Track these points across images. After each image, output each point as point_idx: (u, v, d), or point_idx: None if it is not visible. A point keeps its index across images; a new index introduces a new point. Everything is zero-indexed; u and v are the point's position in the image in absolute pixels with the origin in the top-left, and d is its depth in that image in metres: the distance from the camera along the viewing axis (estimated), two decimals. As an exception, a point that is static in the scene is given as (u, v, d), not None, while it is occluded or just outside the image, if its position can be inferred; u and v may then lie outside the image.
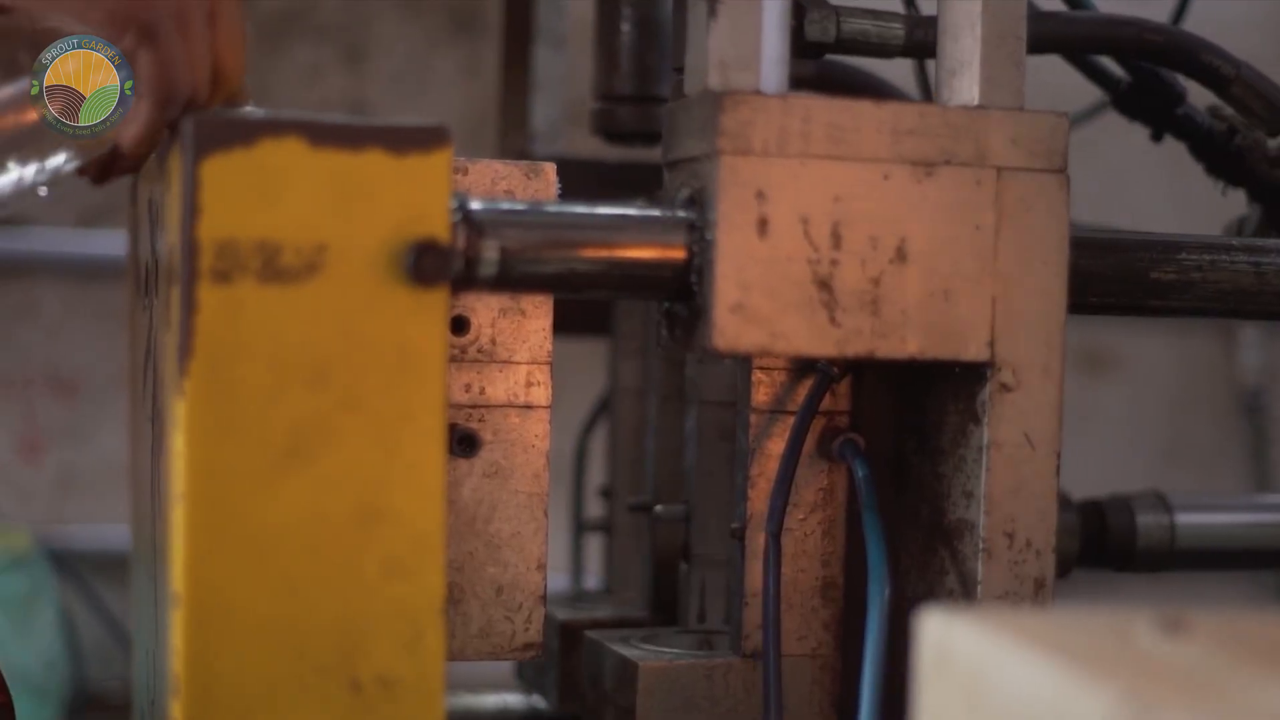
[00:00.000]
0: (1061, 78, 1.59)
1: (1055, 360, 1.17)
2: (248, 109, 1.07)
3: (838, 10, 1.33)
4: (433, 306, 1.04)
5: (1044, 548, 1.16)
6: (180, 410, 1.02)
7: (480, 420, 1.21)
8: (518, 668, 1.56)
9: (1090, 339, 3.32)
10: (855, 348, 1.13)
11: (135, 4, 1.08)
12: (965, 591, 1.16)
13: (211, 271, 1.01)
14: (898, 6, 1.42)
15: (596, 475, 1.79)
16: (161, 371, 1.13)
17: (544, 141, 1.85)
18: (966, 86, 1.17)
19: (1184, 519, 1.50)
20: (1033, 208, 1.15)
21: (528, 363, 1.22)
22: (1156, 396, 3.39)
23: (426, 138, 1.04)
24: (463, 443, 1.20)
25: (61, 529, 2.88)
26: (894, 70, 1.55)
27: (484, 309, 1.21)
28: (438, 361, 1.05)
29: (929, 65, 1.52)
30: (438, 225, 1.04)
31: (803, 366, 1.25)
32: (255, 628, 1.02)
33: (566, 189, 1.22)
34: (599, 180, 1.24)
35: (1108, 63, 1.56)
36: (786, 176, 1.11)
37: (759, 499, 1.24)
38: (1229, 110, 1.51)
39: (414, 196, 1.04)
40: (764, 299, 1.11)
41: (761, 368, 1.25)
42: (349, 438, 1.03)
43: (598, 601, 1.60)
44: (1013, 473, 1.16)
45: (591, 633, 1.35)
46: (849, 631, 1.26)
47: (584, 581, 1.86)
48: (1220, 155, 1.56)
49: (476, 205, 1.10)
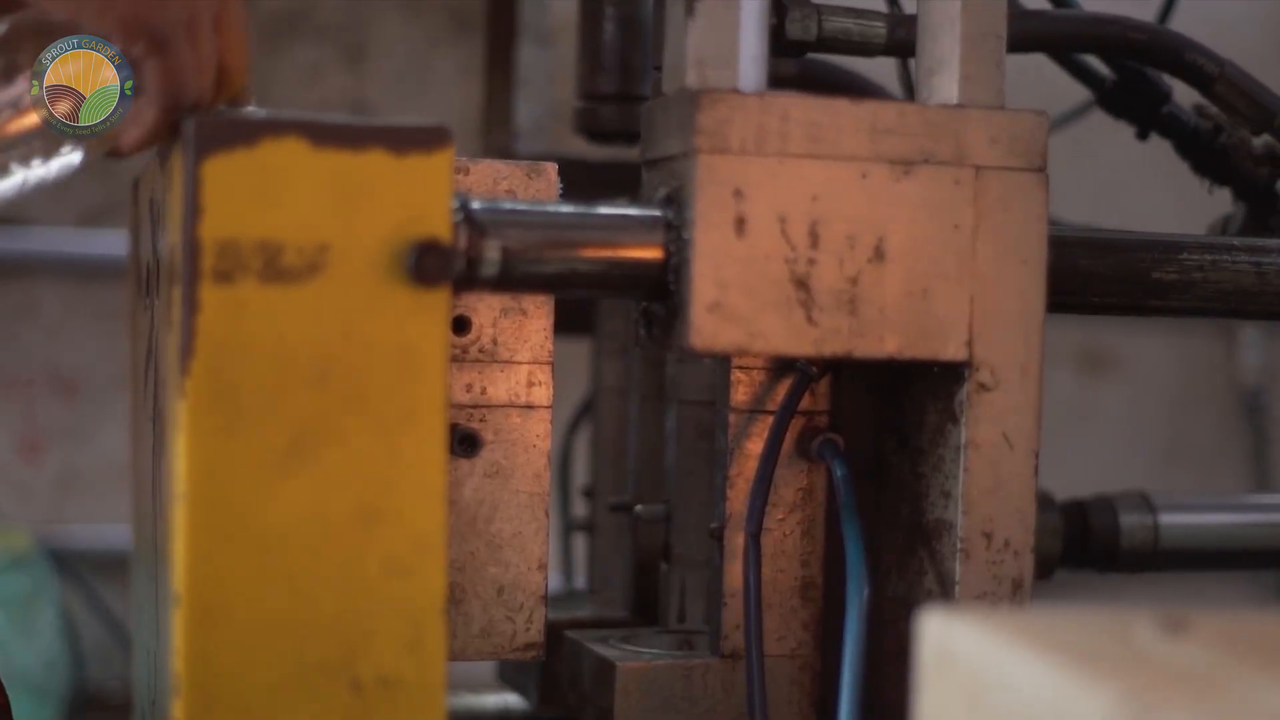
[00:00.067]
0: (1060, 76, 1.59)
1: (1034, 360, 1.16)
2: (249, 109, 1.07)
3: (819, 9, 1.32)
4: (434, 306, 1.04)
5: (1022, 548, 1.16)
6: (181, 410, 1.02)
7: (481, 420, 1.21)
8: (499, 668, 1.56)
9: (1090, 339, 3.32)
10: (833, 347, 1.13)
11: (148, 10, 1.08)
12: (943, 592, 1.16)
13: (213, 271, 1.01)
14: (880, 5, 1.42)
15: (582, 475, 1.79)
16: (163, 371, 1.13)
17: (528, 140, 1.84)
18: (946, 85, 1.17)
19: (1167, 519, 1.50)
20: (1011, 207, 1.15)
21: (529, 363, 1.22)
22: (1157, 396, 3.39)
23: (428, 138, 1.05)
24: (464, 443, 1.21)
25: (62, 529, 2.88)
26: (881, 69, 1.54)
27: (485, 309, 1.21)
28: (439, 361, 1.05)
29: (912, 64, 1.52)
30: (439, 225, 1.04)
31: (782, 366, 1.25)
32: (256, 628, 1.02)
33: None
34: (583, 179, 1.23)
35: (1094, 62, 1.56)
36: (764, 175, 1.11)
37: (738, 499, 1.24)
38: (1214, 109, 1.51)
39: (415, 196, 1.04)
40: (741, 298, 1.10)
41: (740, 367, 1.24)
42: (350, 438, 1.03)
43: (580, 601, 1.60)
44: (991, 473, 1.15)
45: (571, 633, 1.34)
46: (828, 632, 1.26)
47: (575, 581, 1.86)
48: (1206, 153, 1.56)
49: (478, 205, 1.10)
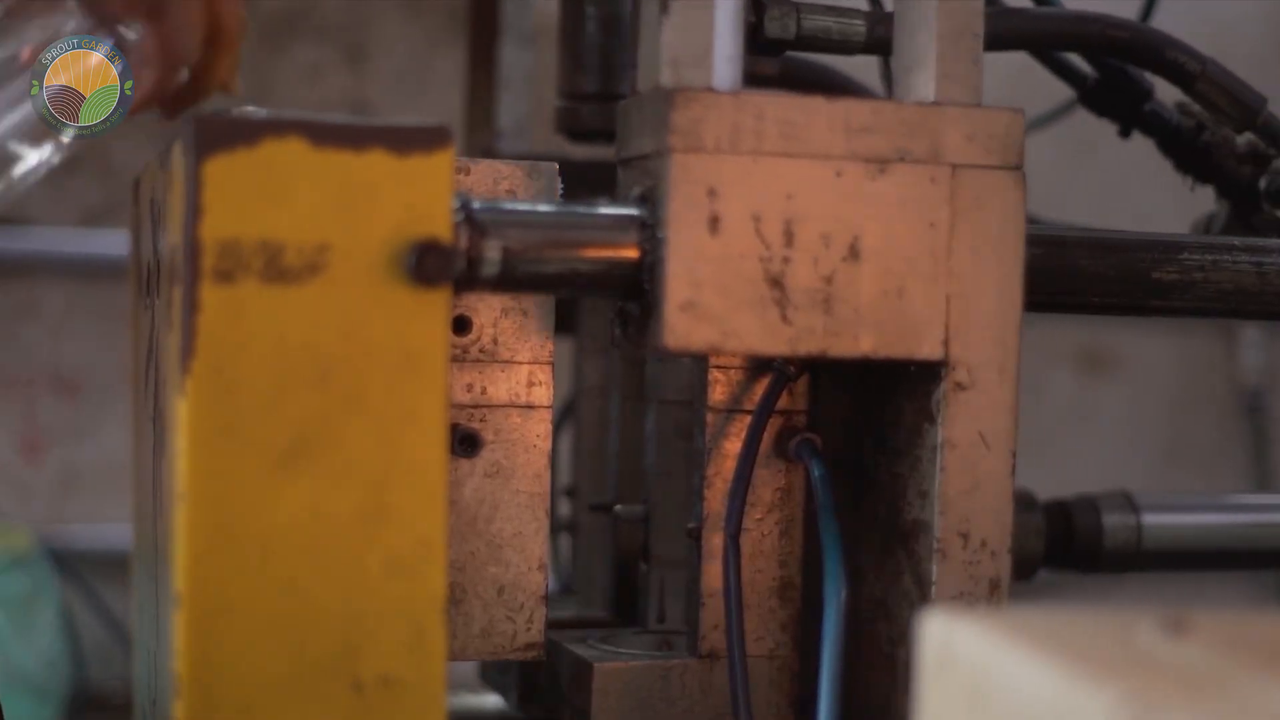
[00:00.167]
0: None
1: (1011, 359, 1.16)
2: (249, 109, 1.07)
3: (798, 6, 1.32)
4: (435, 306, 1.04)
5: (999, 548, 1.16)
6: (182, 410, 1.02)
7: (482, 420, 1.21)
8: (480, 669, 1.55)
9: (1090, 339, 3.32)
10: (807, 346, 1.12)
11: None
12: (920, 592, 1.16)
13: (214, 271, 1.01)
14: (861, 3, 1.41)
15: (566, 475, 1.78)
16: (163, 371, 1.13)
17: (511, 140, 1.83)
18: (923, 83, 1.16)
19: (1151, 519, 1.49)
20: (988, 205, 1.15)
21: (529, 363, 1.22)
22: (1157, 396, 3.39)
23: (429, 138, 1.05)
24: (464, 443, 1.21)
25: (62, 528, 2.88)
26: (869, 68, 1.54)
27: (486, 309, 1.21)
28: (440, 361, 1.05)
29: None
30: (440, 225, 1.04)
31: (759, 365, 1.24)
32: (257, 627, 1.02)
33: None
34: (567, 180, 1.23)
35: (1076, 60, 1.55)
36: (738, 174, 1.10)
37: (715, 499, 1.23)
38: (1197, 106, 1.51)
39: (416, 196, 1.04)
40: (715, 297, 1.10)
41: (718, 366, 1.24)
42: (351, 438, 1.03)
43: (561, 601, 1.59)
44: (967, 472, 1.15)
45: (551, 633, 1.34)
46: (806, 632, 1.25)
47: (558, 581, 1.85)
48: (1188, 151, 1.55)
49: (479, 205, 1.10)
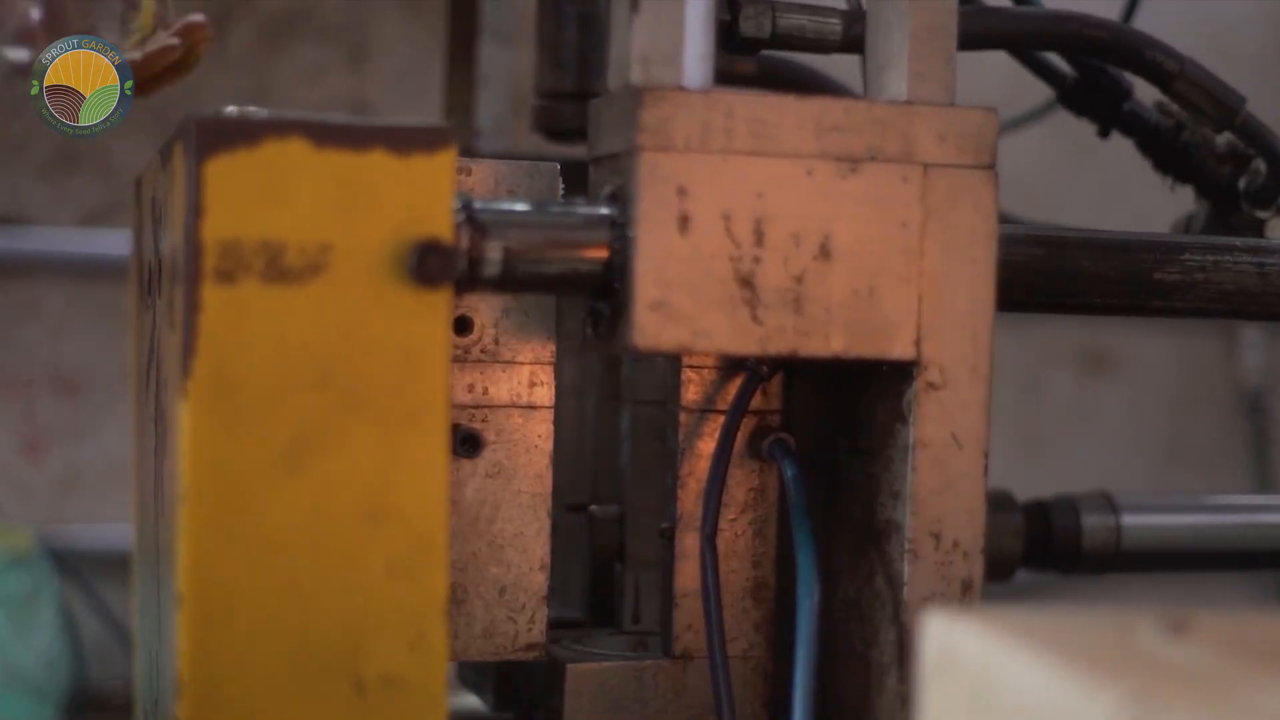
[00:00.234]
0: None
1: (983, 359, 1.16)
2: (251, 109, 1.07)
3: (774, 5, 1.32)
4: (436, 307, 1.04)
5: (972, 549, 1.15)
6: (184, 410, 1.02)
7: (483, 421, 1.21)
8: (458, 669, 1.55)
9: (1091, 339, 3.32)
10: (778, 346, 1.12)
11: None
12: (892, 593, 1.16)
13: (215, 271, 1.01)
14: (837, 1, 1.41)
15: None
16: (165, 372, 1.13)
17: (490, 139, 1.83)
18: (895, 82, 1.16)
19: (1130, 520, 1.49)
20: (960, 205, 1.14)
21: (531, 363, 1.22)
22: (1157, 396, 3.39)
23: (430, 138, 1.05)
24: (466, 443, 1.21)
25: (63, 528, 2.88)
26: (851, 68, 1.54)
27: (487, 309, 1.21)
28: (441, 362, 1.05)
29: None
30: (441, 225, 1.04)
31: (733, 365, 1.24)
32: (259, 628, 1.02)
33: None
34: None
35: (1055, 59, 1.55)
36: (708, 172, 1.10)
37: (688, 499, 1.23)
38: (1176, 106, 1.51)
39: (417, 197, 1.04)
40: (685, 297, 1.10)
41: (691, 366, 1.24)
42: (352, 438, 1.03)
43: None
44: (939, 472, 1.15)
45: None
46: (780, 633, 1.25)
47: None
48: (1167, 151, 1.55)
49: (480, 205, 1.10)
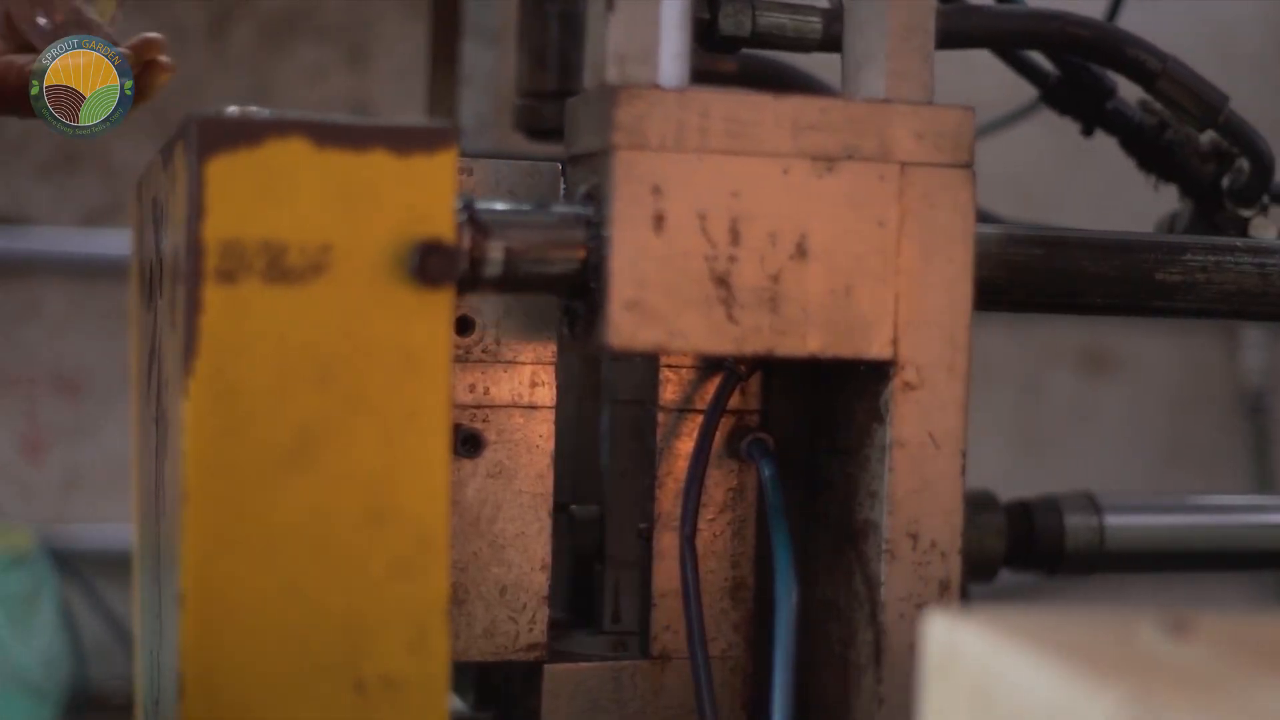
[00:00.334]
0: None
1: (961, 358, 1.15)
2: (252, 109, 1.07)
3: (753, 3, 1.31)
4: (437, 307, 1.04)
5: (949, 549, 1.15)
6: (185, 410, 1.02)
7: (484, 421, 1.21)
8: None
9: (1091, 339, 3.32)
10: (754, 345, 1.11)
11: None
12: (870, 593, 1.15)
13: (216, 271, 1.01)
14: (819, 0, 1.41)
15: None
16: (166, 372, 1.13)
17: (472, 137, 1.82)
18: (872, 80, 1.15)
19: (1113, 520, 1.49)
20: (937, 204, 1.14)
21: (532, 363, 1.22)
22: (1158, 397, 3.39)
23: (431, 138, 1.04)
24: (467, 443, 1.20)
25: (64, 528, 2.88)
26: (834, 66, 1.54)
27: (488, 309, 1.21)
28: (442, 362, 1.05)
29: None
30: (442, 225, 1.04)
31: (711, 365, 1.23)
32: (260, 628, 1.02)
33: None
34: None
35: (1038, 58, 1.55)
36: (683, 171, 1.10)
37: (666, 499, 1.23)
38: (1160, 104, 1.50)
39: (419, 197, 1.04)
40: (660, 296, 1.09)
41: (669, 366, 1.23)
42: (354, 438, 1.03)
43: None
44: (916, 472, 1.14)
45: None
46: (759, 633, 1.25)
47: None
48: (1151, 149, 1.55)
49: (482, 205, 1.10)
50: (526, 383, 1.22)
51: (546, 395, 1.22)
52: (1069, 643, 0.74)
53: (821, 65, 1.52)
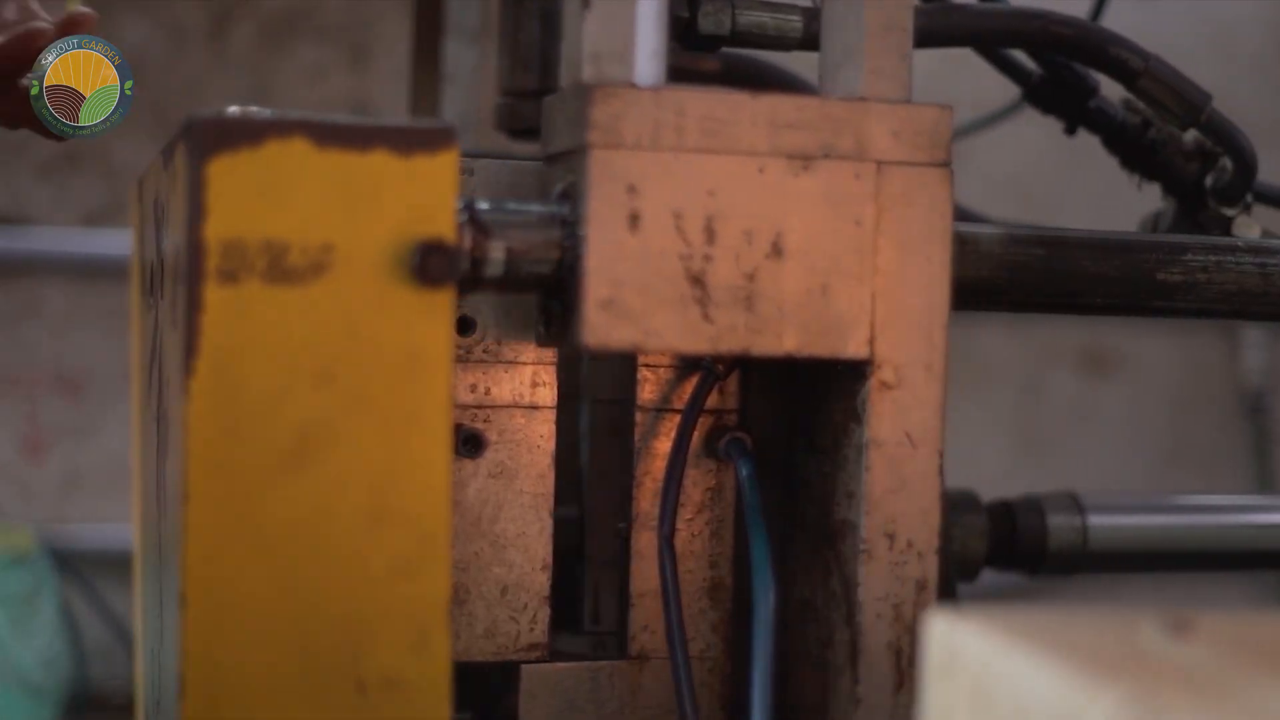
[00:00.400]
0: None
1: (938, 358, 1.14)
2: (253, 109, 1.07)
3: (734, 2, 1.31)
4: (438, 307, 1.04)
5: (926, 549, 1.14)
6: (186, 410, 1.02)
7: (485, 421, 1.21)
8: None
9: (1092, 339, 3.33)
10: (730, 345, 1.11)
11: None
12: (846, 594, 1.15)
13: (217, 271, 1.01)
14: None
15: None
16: (167, 371, 1.13)
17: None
18: (849, 78, 1.15)
19: (1096, 520, 1.48)
20: (914, 202, 1.13)
21: (533, 363, 1.22)
22: (1159, 397, 3.40)
23: (432, 138, 1.05)
24: (468, 443, 1.21)
25: (64, 528, 2.89)
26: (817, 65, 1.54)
27: (489, 309, 1.21)
28: (443, 362, 1.05)
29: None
30: (444, 225, 1.04)
31: (689, 364, 1.23)
32: (261, 628, 1.03)
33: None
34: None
35: (1021, 57, 1.55)
36: (659, 170, 1.09)
37: (644, 498, 1.23)
38: (1142, 104, 1.50)
39: (420, 197, 1.04)
40: (635, 295, 1.09)
41: (647, 365, 1.23)
42: (355, 438, 1.03)
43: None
44: (893, 472, 1.14)
45: None
46: (737, 633, 1.24)
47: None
48: (1134, 148, 1.55)
49: (483, 206, 1.10)
50: (528, 383, 1.22)
51: (548, 395, 1.22)
52: (1070, 643, 0.75)
53: (805, 64, 1.52)
